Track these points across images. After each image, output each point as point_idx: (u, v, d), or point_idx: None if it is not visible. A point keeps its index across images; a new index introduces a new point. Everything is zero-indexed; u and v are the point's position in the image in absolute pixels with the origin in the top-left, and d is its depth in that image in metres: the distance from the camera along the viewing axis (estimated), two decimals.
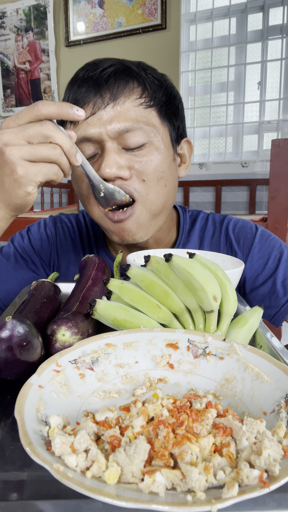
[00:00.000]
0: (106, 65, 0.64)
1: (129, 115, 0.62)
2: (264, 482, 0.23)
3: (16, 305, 0.56)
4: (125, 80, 0.63)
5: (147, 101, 0.64)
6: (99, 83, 0.62)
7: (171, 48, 2.87)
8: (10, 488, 0.27)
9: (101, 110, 0.61)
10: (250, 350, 0.39)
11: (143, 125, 0.63)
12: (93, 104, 0.61)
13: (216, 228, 0.83)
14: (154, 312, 0.46)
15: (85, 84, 0.63)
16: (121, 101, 0.62)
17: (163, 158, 0.66)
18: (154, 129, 0.65)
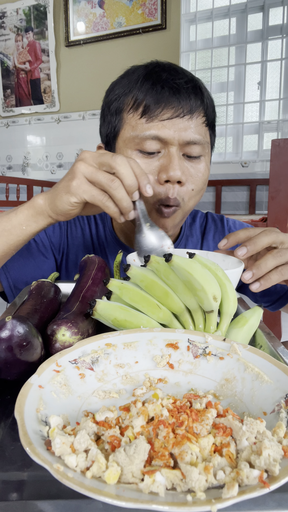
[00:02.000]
0: (187, 77, 0.70)
1: (198, 129, 0.70)
2: (264, 482, 0.23)
3: (16, 305, 0.56)
4: (200, 98, 0.70)
5: (206, 120, 0.72)
6: (182, 93, 0.68)
7: (171, 48, 2.87)
8: (10, 488, 0.27)
9: (179, 118, 0.68)
10: (250, 350, 0.39)
11: (204, 141, 0.71)
12: (175, 111, 0.67)
13: (218, 225, 0.91)
14: (154, 312, 0.46)
15: (169, 88, 0.68)
16: (195, 116, 0.69)
17: (208, 172, 0.76)
18: (207, 146, 0.74)
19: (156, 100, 0.67)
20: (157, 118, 0.67)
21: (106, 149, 0.79)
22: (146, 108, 0.68)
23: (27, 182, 2.86)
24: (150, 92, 0.68)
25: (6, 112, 3.61)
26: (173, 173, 0.67)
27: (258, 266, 0.53)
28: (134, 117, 0.69)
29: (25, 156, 3.61)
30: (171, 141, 0.68)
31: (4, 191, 3.62)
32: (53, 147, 3.48)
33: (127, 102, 0.71)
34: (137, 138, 0.69)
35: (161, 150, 0.69)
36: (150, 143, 0.68)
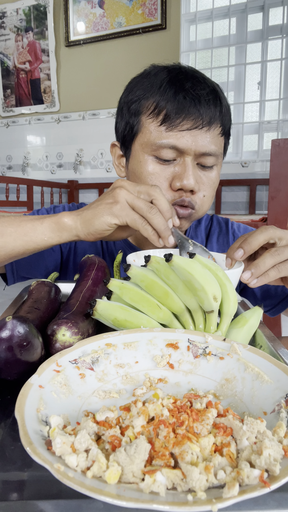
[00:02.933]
0: (209, 88, 0.71)
1: (214, 141, 0.71)
2: (264, 481, 0.23)
3: (16, 305, 0.56)
4: (219, 108, 0.71)
5: (222, 130, 0.73)
6: (202, 104, 0.69)
7: (171, 48, 2.87)
8: (11, 488, 0.27)
9: (197, 130, 0.69)
10: (250, 350, 0.39)
11: (219, 152, 0.73)
12: (194, 122, 0.68)
13: (222, 228, 0.92)
14: (154, 312, 0.46)
15: (191, 98, 0.68)
16: (213, 127, 0.70)
17: (219, 178, 0.78)
18: (221, 156, 0.76)
19: (178, 109, 0.68)
20: (177, 128, 0.68)
21: (122, 148, 0.80)
22: (166, 117, 0.68)
23: (27, 182, 2.86)
24: (172, 100, 0.68)
25: (6, 112, 3.61)
26: (187, 182, 0.69)
27: (256, 266, 0.53)
28: (154, 123, 0.70)
29: (25, 156, 3.61)
30: (188, 152, 0.69)
31: (4, 191, 3.62)
32: (53, 147, 3.48)
33: (147, 106, 0.71)
34: (155, 145, 0.70)
35: (177, 158, 0.71)
36: (167, 151, 0.70)
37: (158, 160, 0.71)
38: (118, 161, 0.82)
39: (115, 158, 0.83)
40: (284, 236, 0.58)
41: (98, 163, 3.34)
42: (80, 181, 3.39)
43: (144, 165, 0.73)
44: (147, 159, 0.72)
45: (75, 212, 0.60)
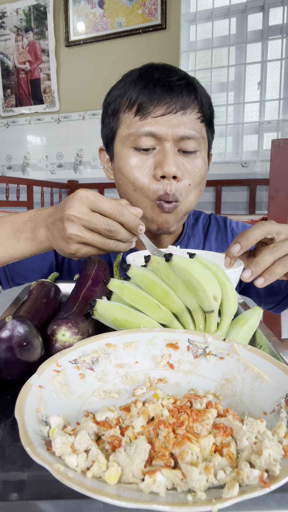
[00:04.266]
0: (179, 75, 0.71)
1: (192, 125, 0.71)
2: (264, 482, 0.23)
3: (16, 305, 0.56)
4: (193, 94, 0.72)
5: (201, 116, 0.73)
6: (174, 90, 0.69)
7: (171, 48, 2.87)
8: (11, 488, 0.27)
9: (172, 114, 0.69)
10: (250, 350, 0.39)
11: (199, 136, 0.72)
12: (167, 107, 0.69)
13: (220, 226, 0.91)
14: (154, 312, 0.46)
15: (161, 86, 0.70)
16: (188, 112, 0.71)
17: (205, 168, 0.77)
18: (204, 142, 0.75)
19: (149, 98, 0.69)
20: (150, 115, 0.69)
21: (107, 150, 0.81)
22: (139, 106, 0.70)
23: (27, 182, 2.86)
24: (143, 91, 0.70)
25: (6, 112, 3.61)
26: (167, 168, 0.68)
27: (256, 263, 0.53)
28: (129, 116, 0.72)
29: (25, 156, 3.61)
30: (165, 137, 0.69)
31: (4, 191, 3.62)
32: (53, 147, 3.48)
33: (122, 103, 0.73)
34: (132, 136, 0.71)
35: (156, 146, 0.71)
36: (144, 139, 0.70)
37: (138, 151, 0.71)
38: (107, 165, 0.83)
39: (104, 162, 0.84)
40: (282, 231, 0.58)
41: (98, 163, 3.34)
42: (80, 181, 3.39)
43: (125, 160, 0.73)
44: (127, 152, 0.72)
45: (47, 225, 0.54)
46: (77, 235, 0.49)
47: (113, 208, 0.50)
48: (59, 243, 0.52)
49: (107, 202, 0.50)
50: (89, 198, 0.50)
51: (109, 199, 0.50)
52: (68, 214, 0.49)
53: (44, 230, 0.55)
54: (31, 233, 0.55)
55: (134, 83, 0.72)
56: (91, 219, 0.49)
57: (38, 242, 0.56)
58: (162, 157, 0.70)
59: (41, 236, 0.55)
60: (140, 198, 0.73)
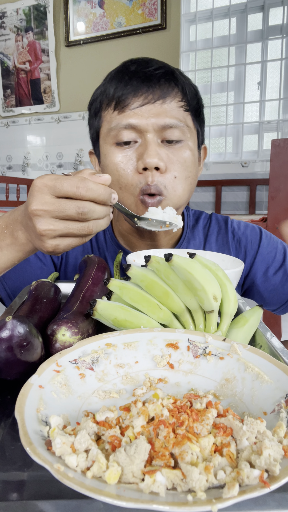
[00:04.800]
0: (157, 65, 0.70)
1: (174, 113, 0.69)
2: (264, 482, 0.23)
3: (16, 305, 0.56)
4: (173, 83, 0.69)
5: (186, 105, 0.71)
6: (151, 80, 0.68)
7: (171, 48, 2.87)
8: (11, 488, 0.27)
9: (150, 105, 0.67)
10: (250, 350, 0.39)
11: (182, 125, 0.70)
12: (144, 98, 0.67)
13: (221, 227, 0.89)
14: (154, 312, 0.46)
15: (137, 78, 0.68)
16: (168, 100, 0.68)
17: (194, 159, 0.73)
18: (189, 131, 0.72)
19: (125, 91, 0.68)
20: (128, 108, 0.68)
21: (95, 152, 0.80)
22: (117, 100, 0.69)
23: (27, 182, 2.86)
24: (119, 85, 0.69)
25: (6, 112, 3.61)
26: (148, 159, 0.66)
27: None
28: (109, 113, 0.71)
29: (25, 156, 3.61)
30: (145, 128, 0.67)
31: (4, 191, 3.62)
32: (53, 147, 3.48)
33: (102, 101, 0.73)
34: (113, 131, 0.69)
35: (138, 139, 0.69)
36: (125, 133, 0.68)
37: (120, 146, 0.70)
38: (98, 168, 0.81)
39: (95, 166, 0.82)
40: None
41: None
42: None
43: (109, 157, 0.71)
44: (109, 149, 0.71)
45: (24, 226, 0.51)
46: (49, 229, 0.45)
47: (76, 185, 0.44)
48: (36, 242, 0.48)
49: (67, 181, 0.44)
50: (47, 184, 0.44)
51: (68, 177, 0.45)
52: (32, 210, 0.44)
53: (22, 232, 0.51)
54: (12, 238, 0.52)
55: (111, 79, 0.71)
56: (58, 207, 0.44)
57: (21, 245, 0.52)
58: (143, 149, 0.68)
59: (21, 238, 0.52)
60: (125, 196, 0.72)
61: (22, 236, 0.51)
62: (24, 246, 0.52)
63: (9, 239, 0.52)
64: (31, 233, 0.49)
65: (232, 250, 0.86)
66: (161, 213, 0.58)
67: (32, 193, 0.45)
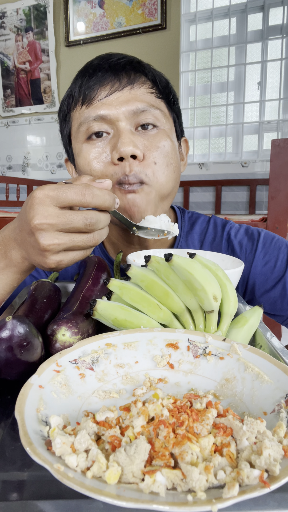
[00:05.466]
0: (121, 56, 0.68)
1: (144, 98, 0.65)
2: (264, 482, 0.23)
3: (16, 305, 0.56)
4: (140, 71, 0.67)
5: (157, 93, 0.68)
6: (116, 69, 0.65)
7: (171, 48, 2.87)
8: (11, 488, 0.27)
9: (118, 92, 0.64)
10: (250, 350, 0.39)
11: (155, 109, 0.66)
12: (111, 86, 0.64)
13: (217, 233, 0.82)
14: (154, 312, 0.46)
15: (101, 69, 0.66)
16: (137, 86, 0.65)
17: (173, 145, 0.69)
18: (164, 117, 0.68)
19: (90, 84, 0.65)
20: (96, 99, 0.65)
21: (69, 159, 0.77)
22: (84, 96, 0.66)
23: (27, 182, 2.86)
24: (83, 80, 0.67)
25: (6, 112, 3.61)
26: (123, 148, 0.61)
27: None
28: (77, 110, 0.68)
29: (25, 156, 3.61)
30: (116, 117, 0.63)
31: (4, 191, 3.62)
32: (53, 147, 3.48)
33: (69, 103, 0.70)
34: (82, 126, 0.66)
35: (110, 131, 0.65)
36: (95, 125, 0.65)
37: (91, 140, 0.65)
38: (75, 175, 0.77)
39: (72, 174, 0.78)
40: None
41: None
42: None
43: (83, 155, 0.67)
44: (82, 146, 0.67)
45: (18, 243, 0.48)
46: (54, 244, 0.42)
47: (82, 192, 0.42)
48: (36, 259, 0.45)
49: (71, 189, 0.42)
50: (49, 195, 0.42)
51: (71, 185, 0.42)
52: (35, 224, 0.41)
53: (16, 251, 0.48)
54: (5, 260, 0.49)
55: (75, 80, 0.69)
56: (64, 220, 0.41)
57: (17, 265, 0.50)
58: (116, 139, 0.63)
59: (16, 258, 0.49)
60: None
61: (17, 255, 0.49)
62: (20, 265, 0.50)
63: (3, 262, 0.49)
64: (29, 249, 0.45)
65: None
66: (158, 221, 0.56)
67: (32, 206, 0.42)
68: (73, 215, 0.42)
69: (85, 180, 0.46)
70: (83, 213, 0.43)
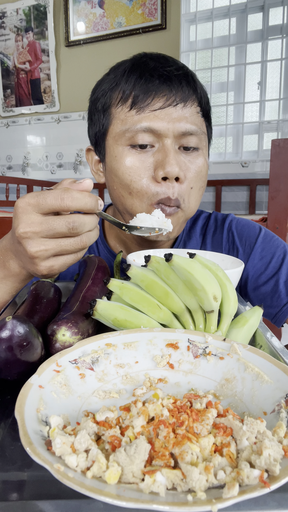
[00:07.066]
0: (177, 65, 0.65)
1: (194, 119, 0.65)
2: (264, 482, 0.23)
3: (16, 305, 0.56)
4: (192, 86, 0.66)
5: (201, 110, 0.67)
6: (173, 81, 0.63)
7: (171, 48, 2.87)
8: (11, 488, 0.27)
9: (172, 107, 0.63)
10: (250, 350, 0.39)
11: (201, 132, 0.66)
12: (166, 99, 0.63)
13: (218, 226, 0.84)
14: (154, 312, 0.46)
15: (158, 76, 0.63)
16: (189, 104, 0.64)
17: (207, 167, 0.71)
18: (205, 139, 0.69)
19: (146, 89, 0.63)
20: (148, 108, 0.63)
21: (96, 150, 0.74)
22: (135, 99, 0.63)
23: (27, 182, 2.86)
24: (138, 82, 0.63)
25: (6, 112, 3.61)
26: (170, 168, 0.61)
27: None
28: (123, 110, 0.65)
29: (25, 156, 3.61)
30: (165, 133, 0.63)
31: (4, 191, 3.62)
32: (53, 147, 3.48)
33: (114, 97, 0.66)
34: (128, 132, 0.64)
35: (155, 144, 0.64)
36: (142, 136, 0.63)
37: (135, 148, 0.64)
38: (96, 167, 0.76)
39: (92, 164, 0.77)
40: None
41: None
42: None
43: (120, 159, 0.66)
44: (122, 151, 0.65)
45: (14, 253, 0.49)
46: (41, 250, 0.43)
47: (60, 197, 0.42)
48: (29, 267, 0.46)
49: (50, 195, 0.42)
50: (30, 202, 0.42)
51: (50, 191, 0.42)
52: (20, 233, 0.42)
53: (13, 261, 0.49)
54: (4, 270, 0.50)
55: (127, 74, 0.65)
56: (47, 226, 0.42)
57: (15, 275, 0.50)
58: (163, 156, 0.63)
59: (14, 267, 0.50)
60: (135, 203, 0.67)
61: (14, 265, 0.49)
62: (18, 275, 0.50)
63: (2, 272, 0.50)
64: (22, 258, 0.46)
65: (224, 252, 0.81)
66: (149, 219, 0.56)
67: (16, 215, 0.43)
68: (56, 220, 0.42)
69: (65, 183, 0.46)
70: (66, 218, 0.43)
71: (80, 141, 3.38)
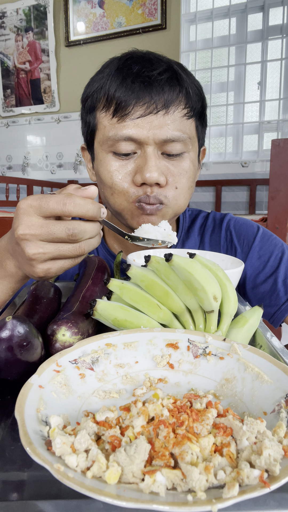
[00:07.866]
0: (161, 68, 0.64)
1: (177, 125, 0.64)
2: (264, 482, 0.23)
3: (16, 305, 0.56)
4: (177, 89, 0.64)
5: (189, 111, 0.66)
6: (154, 86, 0.62)
7: (171, 48, 2.87)
8: (10, 488, 0.27)
9: (152, 115, 0.62)
10: (250, 350, 0.39)
11: (185, 137, 0.65)
12: (147, 107, 0.62)
13: (216, 225, 0.85)
14: (154, 312, 0.46)
15: (140, 82, 0.62)
16: (172, 110, 0.63)
17: (195, 169, 0.70)
18: (191, 142, 0.68)
19: (126, 96, 0.62)
20: (128, 117, 0.63)
21: (88, 149, 0.75)
22: (117, 106, 0.63)
23: (27, 182, 2.86)
24: (120, 88, 0.63)
25: (6, 112, 3.61)
26: (149, 175, 0.62)
27: None
28: (107, 117, 0.65)
29: (25, 156, 3.61)
30: (146, 141, 0.63)
31: (4, 191, 3.62)
32: (53, 147, 3.48)
33: (99, 99, 0.67)
34: (110, 140, 0.65)
35: (137, 150, 0.65)
36: (124, 144, 0.64)
37: (118, 156, 0.65)
38: (90, 165, 0.76)
39: (87, 162, 0.77)
40: None
41: None
42: (80, 181, 3.39)
43: (103, 164, 0.67)
44: (105, 157, 0.66)
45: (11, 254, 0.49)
46: (39, 253, 0.43)
47: (63, 202, 0.41)
48: (26, 268, 0.46)
49: (52, 199, 0.42)
50: (33, 205, 0.42)
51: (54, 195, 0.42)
52: (19, 234, 0.42)
53: (10, 261, 0.50)
54: (1, 269, 0.51)
55: (111, 78, 0.65)
56: (47, 230, 0.42)
57: (12, 275, 0.51)
58: (143, 162, 0.63)
59: (11, 268, 0.50)
60: (117, 201, 0.68)
61: (11, 265, 0.50)
62: (14, 275, 0.51)
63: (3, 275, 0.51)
64: (19, 258, 0.47)
65: (222, 251, 0.82)
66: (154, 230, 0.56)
67: (17, 216, 0.43)
68: (56, 225, 0.42)
69: (70, 189, 0.46)
70: (66, 224, 0.42)
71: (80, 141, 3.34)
